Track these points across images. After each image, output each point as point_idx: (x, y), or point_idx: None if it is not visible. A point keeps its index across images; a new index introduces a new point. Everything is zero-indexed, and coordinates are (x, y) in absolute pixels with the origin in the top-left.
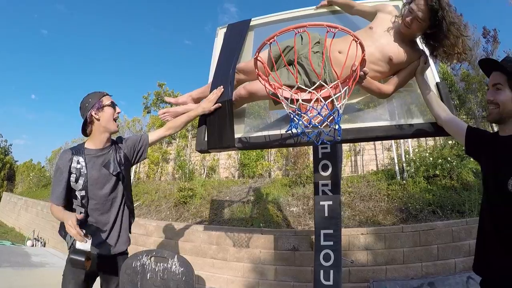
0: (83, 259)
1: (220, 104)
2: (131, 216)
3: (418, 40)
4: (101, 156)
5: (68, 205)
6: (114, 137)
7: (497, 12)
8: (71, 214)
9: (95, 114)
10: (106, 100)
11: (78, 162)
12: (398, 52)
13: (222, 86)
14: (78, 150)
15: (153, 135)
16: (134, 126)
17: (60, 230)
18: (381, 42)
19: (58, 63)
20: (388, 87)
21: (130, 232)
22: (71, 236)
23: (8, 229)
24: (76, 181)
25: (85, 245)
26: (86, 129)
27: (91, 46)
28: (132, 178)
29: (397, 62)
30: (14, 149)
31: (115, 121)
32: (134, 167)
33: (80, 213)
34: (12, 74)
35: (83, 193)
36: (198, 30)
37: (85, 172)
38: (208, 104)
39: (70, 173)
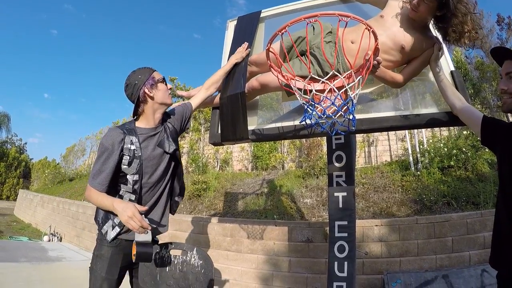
0: (152, 251)
1: (249, 50)
2: (181, 193)
3: (432, 28)
4: (155, 136)
5: (111, 191)
6: None
7: None
8: (128, 204)
9: (149, 91)
10: (157, 76)
11: (131, 143)
12: (410, 40)
13: (247, 42)
14: (130, 129)
15: (195, 100)
16: None
17: (97, 217)
18: (393, 31)
19: (69, 62)
20: (401, 76)
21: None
22: (113, 226)
23: (25, 225)
24: (129, 164)
25: (146, 236)
26: (137, 109)
27: (101, 44)
28: None
29: (410, 50)
30: (29, 147)
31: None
32: None
33: (130, 200)
34: (24, 74)
35: (136, 177)
36: (207, 24)
37: (140, 154)
38: (238, 55)
39: (122, 155)
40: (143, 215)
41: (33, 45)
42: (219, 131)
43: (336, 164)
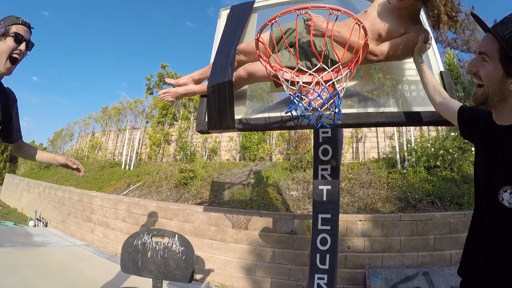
0: None
1: None
2: None
3: (424, 21)
4: None
5: None
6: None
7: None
8: None
9: None
10: (14, 29)
11: None
12: (388, 27)
13: None
14: None
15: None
16: (137, 107)
17: None
18: (371, 20)
19: (60, 45)
20: (381, 48)
21: None
22: None
23: (11, 210)
24: None
25: None
26: None
27: (93, 28)
28: (133, 159)
29: (388, 37)
30: None
31: (12, 62)
32: (136, 147)
33: None
34: None
35: None
36: (200, 12)
37: None
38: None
39: None
40: None
41: None
42: (206, 119)
43: (322, 157)
